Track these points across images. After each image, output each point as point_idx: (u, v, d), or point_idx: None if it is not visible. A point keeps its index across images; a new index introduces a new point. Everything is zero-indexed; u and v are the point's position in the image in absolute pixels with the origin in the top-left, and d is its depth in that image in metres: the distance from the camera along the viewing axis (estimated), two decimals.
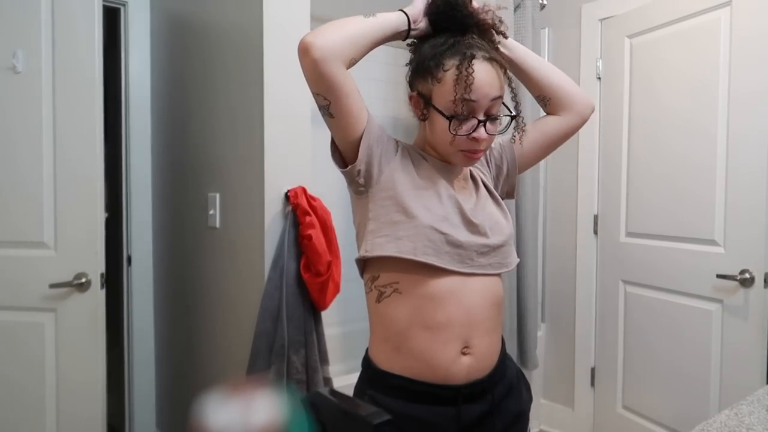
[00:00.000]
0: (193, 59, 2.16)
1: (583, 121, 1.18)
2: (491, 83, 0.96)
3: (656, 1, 2.24)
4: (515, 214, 2.46)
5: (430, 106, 0.99)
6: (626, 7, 2.39)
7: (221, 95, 1.98)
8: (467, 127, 0.96)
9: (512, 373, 1.11)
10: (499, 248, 1.03)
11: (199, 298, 2.16)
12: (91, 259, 1.74)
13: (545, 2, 2.59)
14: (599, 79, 2.51)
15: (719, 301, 2.00)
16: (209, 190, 2.05)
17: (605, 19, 2.49)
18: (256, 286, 1.80)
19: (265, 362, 1.70)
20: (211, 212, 2.02)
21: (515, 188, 1.21)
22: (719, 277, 1.96)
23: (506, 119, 1.04)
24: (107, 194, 2.15)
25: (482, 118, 0.97)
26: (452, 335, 0.98)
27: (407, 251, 0.96)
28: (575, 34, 2.62)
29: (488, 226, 1.02)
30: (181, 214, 2.28)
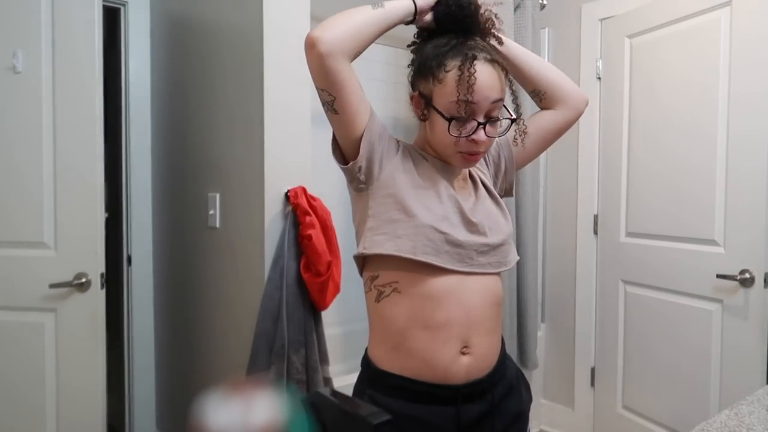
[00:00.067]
0: (193, 59, 2.16)
1: (578, 114, 1.18)
2: (492, 85, 0.96)
3: (656, 1, 2.24)
4: (515, 214, 2.46)
5: (430, 106, 0.99)
6: (626, 7, 2.39)
7: (221, 95, 1.98)
8: (467, 129, 0.96)
9: (512, 373, 1.11)
10: (498, 247, 1.03)
11: (199, 298, 2.16)
12: (91, 259, 1.74)
13: (545, 2, 2.59)
14: (599, 79, 2.52)
15: (719, 301, 2.00)
16: (209, 190, 2.05)
17: (605, 19, 2.49)
18: (256, 286, 1.80)
19: (265, 362, 1.70)
20: (211, 212, 2.02)
21: (514, 185, 1.21)
22: (719, 277, 1.96)
23: (506, 122, 1.04)
24: (107, 194, 2.15)
25: (482, 120, 0.97)
26: (451, 335, 0.98)
27: (406, 250, 0.96)
28: (575, 34, 2.62)
29: (487, 225, 1.02)
30: (181, 214, 2.28)
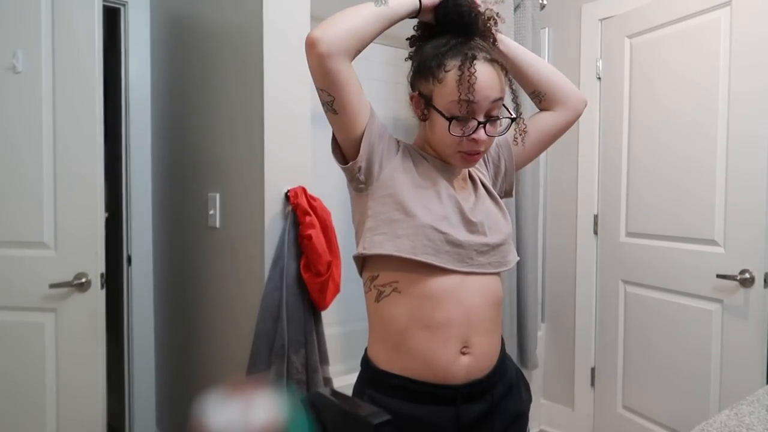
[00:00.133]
0: (193, 59, 2.16)
1: (577, 115, 1.19)
2: (492, 85, 0.96)
3: (656, 1, 2.24)
4: (515, 214, 2.46)
5: (430, 106, 0.99)
6: (626, 7, 2.39)
7: (221, 95, 1.98)
8: (467, 128, 0.96)
9: (512, 373, 1.11)
10: (498, 247, 1.03)
11: (199, 298, 2.16)
12: (91, 259, 1.74)
13: (545, 2, 2.59)
14: (599, 79, 2.51)
15: (719, 301, 2.00)
16: (209, 190, 2.05)
17: (605, 19, 2.49)
18: (256, 286, 1.79)
19: (265, 362, 1.70)
20: (211, 212, 2.02)
21: (514, 186, 1.22)
22: (719, 277, 1.96)
23: (506, 121, 1.04)
24: (107, 194, 2.15)
25: (482, 119, 0.97)
26: (451, 335, 0.98)
27: (406, 250, 0.96)
28: (575, 34, 2.62)
29: (487, 225, 1.02)
30: (181, 214, 2.28)
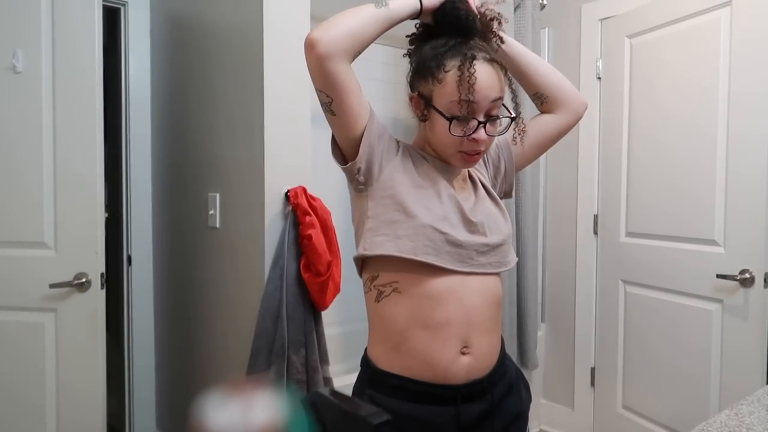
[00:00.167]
0: (193, 59, 2.16)
1: (577, 119, 1.19)
2: (491, 85, 0.96)
3: (656, 1, 2.24)
4: (515, 214, 2.46)
5: (430, 106, 0.99)
6: (626, 7, 2.39)
7: (221, 95, 1.98)
8: (467, 128, 0.96)
9: (511, 372, 1.11)
10: (498, 247, 1.03)
11: (199, 298, 2.16)
12: (91, 259, 1.74)
13: (545, 2, 2.59)
14: (599, 79, 2.51)
15: (719, 301, 2.00)
16: (209, 190, 2.05)
17: (605, 19, 2.49)
18: (256, 286, 1.79)
19: (265, 362, 1.70)
20: (211, 212, 2.02)
21: (513, 187, 1.22)
22: (719, 277, 1.96)
23: (506, 120, 1.04)
24: (107, 194, 2.16)
25: (482, 119, 0.97)
26: (452, 335, 0.98)
27: (407, 251, 0.96)
28: (575, 34, 2.62)
29: (487, 225, 1.03)
30: (181, 214, 2.28)
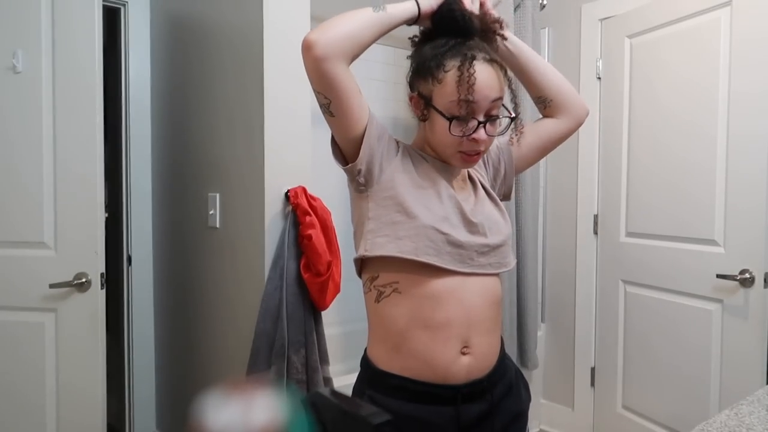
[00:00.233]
0: (193, 59, 2.16)
1: (578, 124, 1.20)
2: (491, 85, 0.96)
3: (656, 1, 2.24)
4: (515, 214, 2.46)
5: (430, 106, 0.99)
6: (626, 7, 2.39)
7: (221, 95, 1.98)
8: (467, 128, 0.96)
9: (511, 372, 1.11)
10: (498, 248, 1.03)
11: (199, 298, 2.16)
12: (91, 259, 1.74)
13: (545, 2, 2.59)
14: (599, 79, 2.51)
15: (719, 301, 2.00)
16: (209, 190, 2.05)
17: (605, 19, 2.49)
18: (256, 286, 1.79)
19: (265, 362, 1.70)
20: (211, 212, 2.02)
21: (512, 190, 1.22)
22: (719, 277, 1.96)
23: (505, 121, 1.04)
24: (107, 194, 2.16)
25: (482, 119, 0.97)
26: (452, 335, 0.98)
27: (408, 251, 0.96)
28: (575, 34, 2.62)
29: (487, 226, 1.03)
30: (181, 214, 2.28)
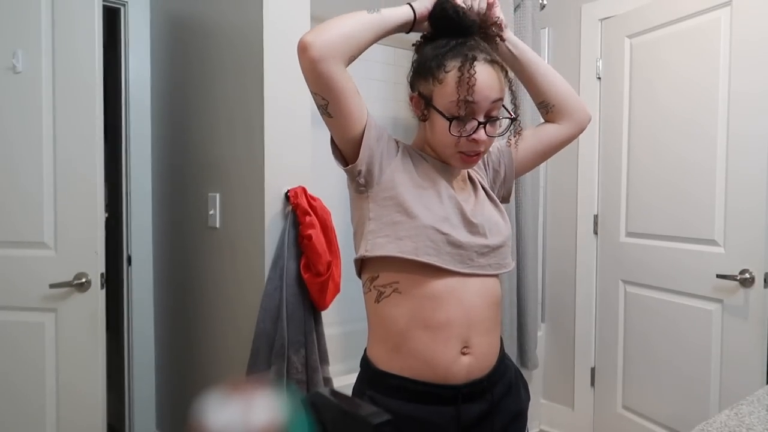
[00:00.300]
0: (193, 59, 2.16)
1: (580, 130, 1.20)
2: (492, 85, 0.96)
3: (656, 1, 2.24)
4: (515, 214, 2.46)
5: (430, 106, 0.99)
6: (626, 7, 2.39)
7: (221, 95, 1.98)
8: (467, 128, 0.96)
9: (511, 372, 1.11)
10: (498, 249, 1.04)
11: (199, 298, 2.16)
12: (91, 259, 1.74)
13: (545, 2, 2.59)
14: (599, 79, 2.51)
15: (719, 301, 2.00)
16: (209, 190, 2.05)
17: (605, 19, 2.49)
18: (256, 286, 1.79)
19: (265, 362, 1.70)
20: (211, 212, 2.02)
21: (511, 193, 1.22)
22: (719, 277, 1.96)
23: (506, 122, 1.04)
24: (107, 194, 2.16)
25: (482, 120, 0.97)
26: (452, 335, 0.98)
27: (409, 251, 0.96)
28: (575, 34, 2.62)
29: (487, 227, 1.03)
30: (181, 214, 2.28)
